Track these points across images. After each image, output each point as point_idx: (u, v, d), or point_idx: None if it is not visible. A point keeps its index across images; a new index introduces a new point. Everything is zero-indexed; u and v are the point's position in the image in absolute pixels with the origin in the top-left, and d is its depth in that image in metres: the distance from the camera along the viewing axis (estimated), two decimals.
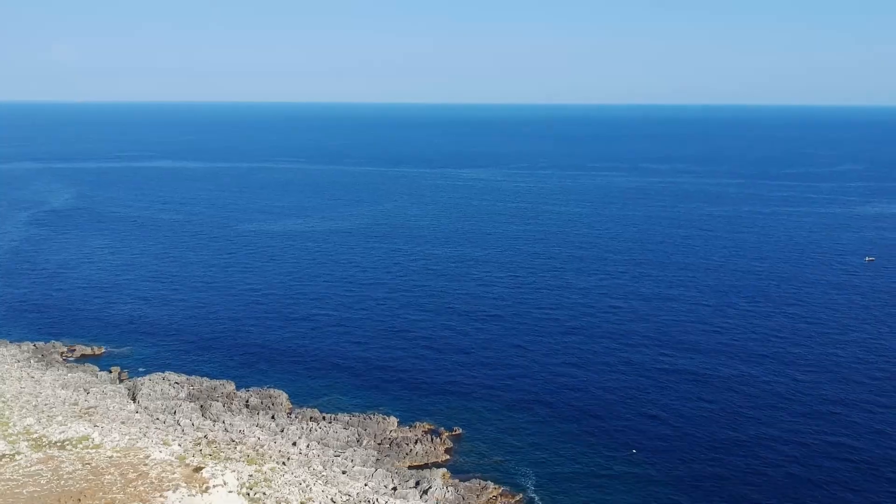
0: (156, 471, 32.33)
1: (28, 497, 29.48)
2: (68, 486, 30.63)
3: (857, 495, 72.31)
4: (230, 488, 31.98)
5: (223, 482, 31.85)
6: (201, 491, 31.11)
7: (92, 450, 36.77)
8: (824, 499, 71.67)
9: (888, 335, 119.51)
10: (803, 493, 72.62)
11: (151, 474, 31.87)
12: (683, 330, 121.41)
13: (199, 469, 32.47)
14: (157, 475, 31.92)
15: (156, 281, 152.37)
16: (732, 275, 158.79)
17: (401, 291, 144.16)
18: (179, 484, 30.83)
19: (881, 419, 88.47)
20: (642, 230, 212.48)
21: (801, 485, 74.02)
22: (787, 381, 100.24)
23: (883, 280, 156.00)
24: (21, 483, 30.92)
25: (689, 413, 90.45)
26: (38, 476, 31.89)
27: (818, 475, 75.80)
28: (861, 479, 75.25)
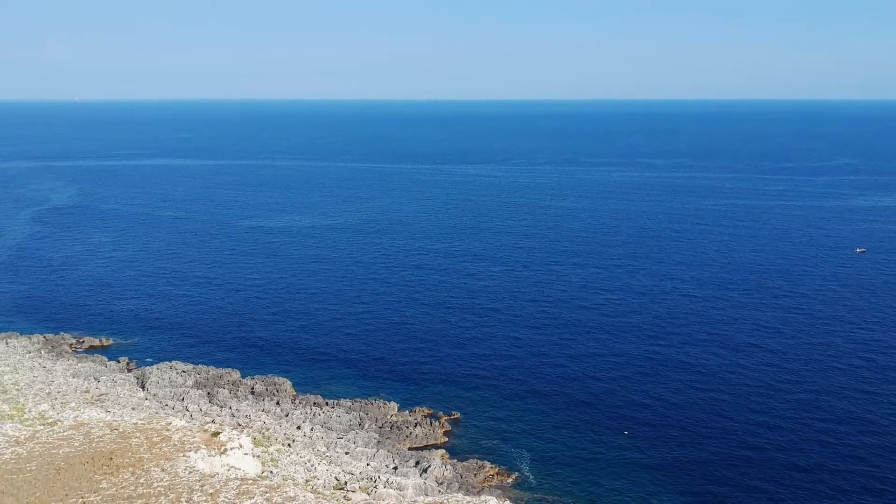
0: (177, 435, 35.37)
1: (64, 456, 32.58)
2: (99, 447, 33.70)
3: (840, 479, 75.44)
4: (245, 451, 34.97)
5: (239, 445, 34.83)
6: (219, 452, 34.10)
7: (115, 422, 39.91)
8: (808, 483, 74.70)
9: (875, 325, 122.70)
10: (788, 477, 75.66)
11: (174, 438, 34.94)
12: (676, 321, 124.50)
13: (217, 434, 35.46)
14: (178, 438, 34.96)
15: (159, 276, 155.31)
16: (725, 267, 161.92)
17: (399, 285, 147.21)
18: (200, 446, 33.87)
19: (866, 407, 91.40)
20: (637, 224, 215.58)
21: (786, 469, 77.05)
22: (775, 370, 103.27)
23: (872, 270, 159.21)
24: (57, 445, 34.03)
25: (679, 401, 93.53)
26: (72, 439, 34.96)
27: (803, 460, 78.82)
28: (845, 464, 78.29)
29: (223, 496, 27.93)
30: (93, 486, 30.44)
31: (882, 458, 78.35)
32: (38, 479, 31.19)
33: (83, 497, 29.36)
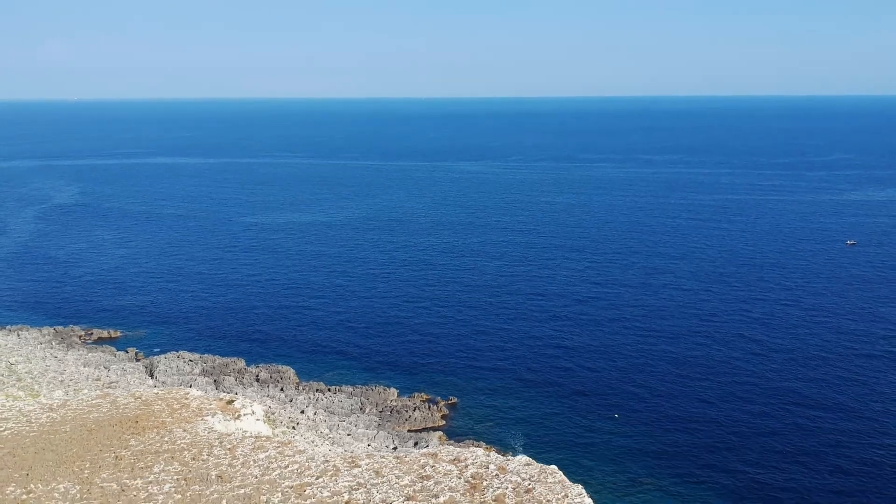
0: (195, 403, 38.70)
1: (94, 420, 35.96)
2: (125, 412, 37.05)
3: (818, 461, 78.95)
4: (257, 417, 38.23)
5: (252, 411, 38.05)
6: (234, 418, 37.39)
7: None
8: (787, 465, 78.08)
9: (862, 315, 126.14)
10: (769, 459, 79.11)
11: (192, 405, 38.30)
12: (667, 313, 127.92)
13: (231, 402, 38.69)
14: (196, 406, 38.28)
15: (164, 271, 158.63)
16: (716, 261, 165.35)
17: (398, 280, 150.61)
18: (216, 412, 37.22)
19: (849, 395, 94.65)
20: (632, 219, 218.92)
21: (767, 452, 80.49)
22: (761, 359, 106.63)
23: (861, 262, 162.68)
24: (87, 411, 37.38)
25: (668, 389, 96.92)
26: (100, 406, 38.30)
27: (785, 446, 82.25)
28: (823, 448, 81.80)
29: (240, 450, 31.30)
30: (123, 444, 33.84)
31: (859, 442, 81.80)
32: (73, 439, 34.58)
33: (115, 452, 32.75)
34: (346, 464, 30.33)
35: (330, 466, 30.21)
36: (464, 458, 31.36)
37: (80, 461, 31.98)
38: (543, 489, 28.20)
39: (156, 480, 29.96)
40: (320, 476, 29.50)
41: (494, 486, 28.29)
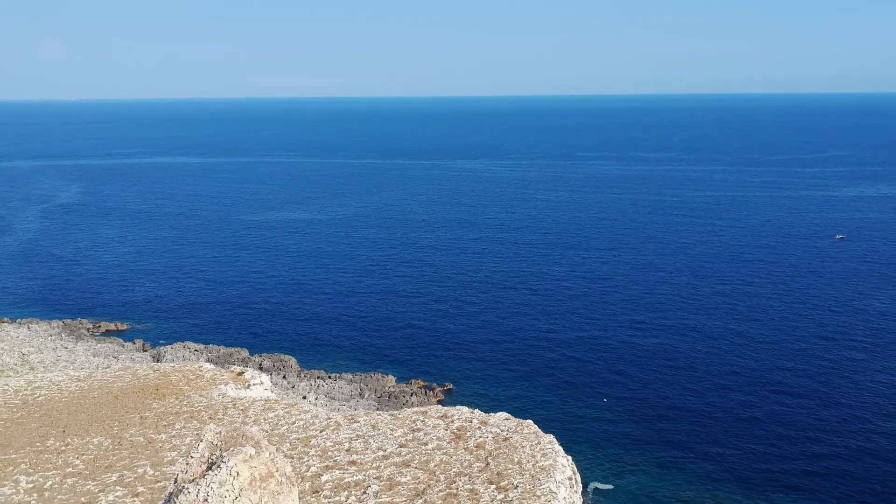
0: (209, 374, 42.54)
1: (119, 388, 39.82)
2: (146, 382, 40.91)
3: (791, 445, 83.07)
4: (266, 387, 42.04)
5: (261, 382, 41.82)
6: (245, 387, 41.27)
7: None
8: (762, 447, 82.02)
9: (844, 307, 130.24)
10: (744, 442, 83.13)
11: (206, 376, 42.17)
12: (656, 306, 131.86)
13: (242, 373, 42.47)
14: (210, 376, 42.12)
15: (168, 267, 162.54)
16: (706, 255, 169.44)
17: (395, 276, 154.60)
18: (229, 381, 41.02)
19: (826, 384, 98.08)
20: (626, 215, 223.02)
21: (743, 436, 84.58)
22: (745, 350, 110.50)
23: (848, 256, 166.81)
24: (111, 381, 41.26)
25: (653, 377, 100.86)
26: (122, 377, 42.18)
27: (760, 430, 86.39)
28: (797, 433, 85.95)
29: (252, 410, 35.16)
30: (146, 407, 37.69)
31: (834, 428, 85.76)
32: (102, 402, 38.44)
33: (140, 414, 36.60)
34: (346, 420, 34.21)
35: (332, 422, 34.09)
36: (450, 415, 35.27)
37: (110, 420, 35.90)
38: (519, 437, 32.14)
39: (178, 434, 33.88)
40: (324, 430, 33.41)
41: (476, 436, 32.24)
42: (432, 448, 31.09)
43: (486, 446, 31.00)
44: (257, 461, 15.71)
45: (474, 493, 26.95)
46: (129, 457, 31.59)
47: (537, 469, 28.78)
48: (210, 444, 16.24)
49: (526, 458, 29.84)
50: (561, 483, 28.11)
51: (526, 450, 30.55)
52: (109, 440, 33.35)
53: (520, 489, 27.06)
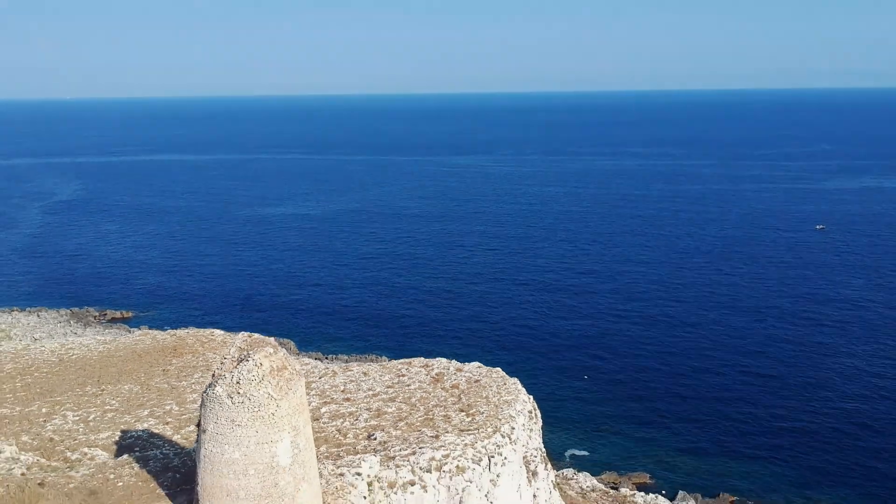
0: (220, 338, 47.90)
1: (141, 348, 45.21)
2: (165, 344, 46.30)
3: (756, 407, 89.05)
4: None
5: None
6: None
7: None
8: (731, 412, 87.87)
9: (818, 294, 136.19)
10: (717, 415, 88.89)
11: (218, 339, 47.53)
12: (638, 294, 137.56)
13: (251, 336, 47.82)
14: (221, 340, 47.49)
15: (168, 258, 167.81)
16: (688, 246, 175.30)
17: (389, 266, 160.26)
18: (239, 346, 46.72)
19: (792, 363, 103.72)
20: (615, 207, 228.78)
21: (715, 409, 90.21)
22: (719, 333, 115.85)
23: (826, 245, 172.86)
24: (133, 343, 46.65)
25: (633, 357, 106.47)
26: (143, 340, 47.54)
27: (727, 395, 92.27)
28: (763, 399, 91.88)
29: None
30: (167, 363, 43.18)
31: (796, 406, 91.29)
32: (128, 359, 43.92)
33: (162, 367, 42.09)
34: (341, 370, 39.73)
35: (329, 371, 39.62)
36: (431, 364, 40.87)
37: (136, 372, 41.46)
38: (488, 380, 37.76)
39: (197, 382, 39.45)
40: (322, 377, 39.00)
41: (452, 379, 37.86)
42: (414, 388, 36.74)
43: (460, 386, 36.68)
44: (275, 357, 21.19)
45: (447, 418, 32.59)
46: (157, 398, 37.14)
47: (501, 402, 34.46)
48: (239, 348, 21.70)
49: (493, 395, 35.52)
50: (520, 412, 33.77)
51: (493, 389, 36.22)
52: (138, 386, 38.90)
53: (485, 415, 32.73)
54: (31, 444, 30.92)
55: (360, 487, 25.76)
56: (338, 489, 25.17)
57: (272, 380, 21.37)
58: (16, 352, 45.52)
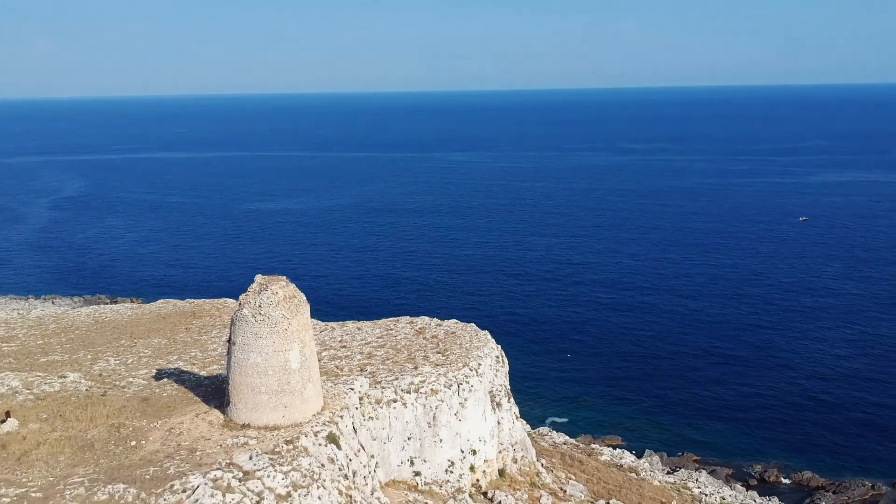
0: (232, 305, 54.51)
1: (164, 313, 51.82)
2: (184, 310, 52.87)
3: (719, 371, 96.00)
4: None
5: None
6: None
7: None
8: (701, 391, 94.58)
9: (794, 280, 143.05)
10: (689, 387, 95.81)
11: (231, 305, 54.09)
12: (623, 281, 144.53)
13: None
14: (233, 306, 54.24)
15: (174, 250, 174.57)
16: (674, 237, 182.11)
17: (387, 255, 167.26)
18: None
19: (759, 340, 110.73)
20: (605, 200, 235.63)
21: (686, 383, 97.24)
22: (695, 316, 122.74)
23: (807, 235, 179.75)
24: (157, 309, 53.22)
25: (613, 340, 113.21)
26: (165, 307, 54.06)
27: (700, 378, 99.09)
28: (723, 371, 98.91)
29: None
30: (188, 323, 49.85)
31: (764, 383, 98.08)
32: (153, 320, 50.59)
33: (185, 326, 48.84)
34: (338, 326, 46.47)
35: (328, 327, 46.36)
36: (416, 321, 47.54)
37: (163, 330, 48.21)
38: (463, 332, 44.57)
39: (216, 336, 46.18)
40: (323, 331, 45.81)
41: (432, 331, 44.66)
42: (400, 338, 43.59)
43: (439, 336, 43.54)
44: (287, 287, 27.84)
45: (426, 357, 39.40)
46: (183, 347, 43.90)
47: (472, 347, 41.33)
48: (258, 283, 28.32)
49: (465, 342, 42.38)
50: (488, 355, 40.62)
51: (466, 338, 43.09)
52: (166, 340, 45.70)
53: (457, 355, 39.57)
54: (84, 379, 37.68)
55: (353, 399, 32.37)
56: (335, 395, 31.79)
57: (285, 304, 28.02)
58: (56, 315, 52.27)
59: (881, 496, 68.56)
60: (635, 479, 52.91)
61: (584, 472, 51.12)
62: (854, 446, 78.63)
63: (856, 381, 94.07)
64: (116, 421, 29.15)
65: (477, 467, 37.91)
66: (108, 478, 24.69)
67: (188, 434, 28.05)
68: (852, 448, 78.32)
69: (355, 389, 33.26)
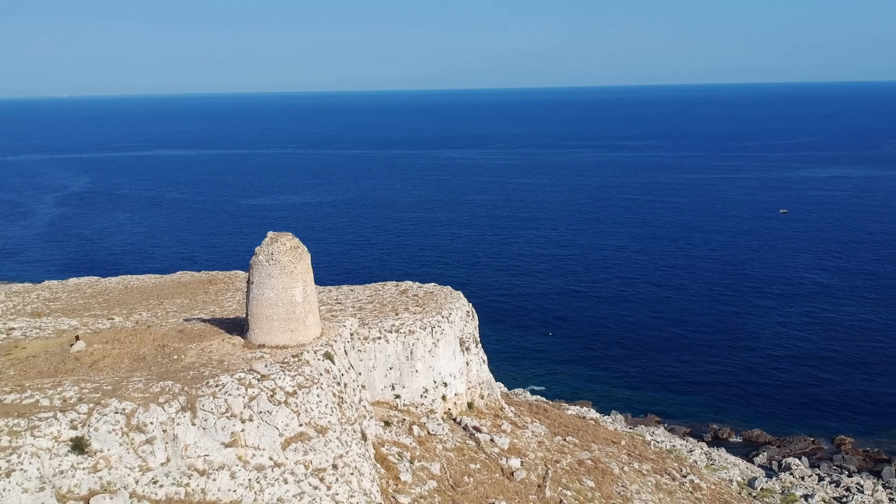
0: (243, 276, 62.57)
1: (184, 281, 59.67)
2: (201, 279, 60.85)
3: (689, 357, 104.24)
4: None
5: None
6: None
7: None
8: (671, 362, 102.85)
9: (767, 267, 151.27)
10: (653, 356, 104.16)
11: (241, 277, 62.16)
12: (604, 267, 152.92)
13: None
14: (244, 276, 62.20)
15: (179, 244, 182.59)
16: (658, 226, 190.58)
17: (382, 247, 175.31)
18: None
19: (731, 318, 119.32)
20: (593, 196, 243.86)
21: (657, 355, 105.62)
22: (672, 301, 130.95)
23: (786, 226, 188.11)
24: (177, 278, 61.05)
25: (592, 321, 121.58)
26: (183, 277, 61.81)
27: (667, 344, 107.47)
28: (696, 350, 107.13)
29: None
30: (206, 289, 57.73)
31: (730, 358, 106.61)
32: (175, 286, 58.49)
33: (203, 290, 56.86)
34: (334, 288, 54.47)
35: (325, 290, 54.40)
36: (401, 284, 55.54)
37: (184, 293, 56.19)
38: (440, 292, 52.69)
39: (231, 297, 54.22)
40: (320, 293, 53.81)
41: (414, 292, 52.82)
42: (386, 297, 51.77)
43: (419, 295, 51.71)
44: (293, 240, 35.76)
45: (406, 308, 47.56)
46: (203, 305, 51.95)
47: (446, 302, 49.49)
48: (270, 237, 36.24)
49: (441, 299, 50.57)
50: (459, 308, 48.78)
51: (442, 296, 51.28)
52: (188, 300, 53.78)
53: (432, 307, 47.73)
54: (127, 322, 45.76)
55: (345, 332, 40.35)
56: (331, 328, 39.80)
57: (291, 252, 35.95)
58: (91, 282, 60.31)
59: (819, 449, 76.81)
60: (593, 424, 60.95)
61: (548, 418, 59.17)
62: (801, 412, 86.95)
63: (809, 360, 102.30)
64: (161, 343, 37.13)
65: (448, 398, 45.94)
66: (159, 377, 32.64)
67: (217, 351, 36.02)
68: (799, 413, 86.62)
69: (347, 326, 41.27)
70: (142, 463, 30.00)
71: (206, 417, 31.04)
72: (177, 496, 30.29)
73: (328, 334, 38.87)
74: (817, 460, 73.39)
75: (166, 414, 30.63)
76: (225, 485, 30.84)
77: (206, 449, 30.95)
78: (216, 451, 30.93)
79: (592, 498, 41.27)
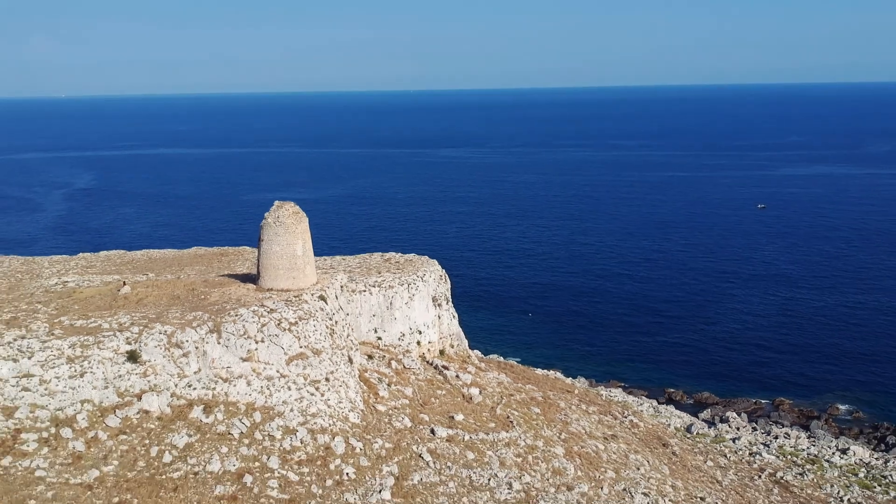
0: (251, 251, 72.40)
1: (199, 254, 69.54)
2: (213, 253, 70.63)
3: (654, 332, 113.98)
4: None
5: None
6: None
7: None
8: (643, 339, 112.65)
9: (739, 254, 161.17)
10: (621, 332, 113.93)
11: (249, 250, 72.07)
12: (586, 255, 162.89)
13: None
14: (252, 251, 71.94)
15: (184, 238, 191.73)
16: (637, 221, 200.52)
17: (378, 241, 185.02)
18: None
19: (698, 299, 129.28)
20: (579, 192, 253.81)
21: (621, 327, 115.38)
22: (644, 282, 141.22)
23: (761, 220, 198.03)
24: (193, 252, 71.19)
25: (570, 304, 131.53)
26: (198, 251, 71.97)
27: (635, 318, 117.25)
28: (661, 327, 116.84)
29: None
30: (219, 259, 67.47)
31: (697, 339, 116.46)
32: (193, 257, 67.97)
33: (217, 261, 66.49)
34: (328, 258, 64.21)
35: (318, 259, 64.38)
36: (387, 255, 65.43)
37: (200, 263, 65.80)
38: (419, 260, 62.49)
39: (241, 266, 63.96)
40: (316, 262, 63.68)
41: (396, 261, 62.60)
42: (372, 264, 61.55)
43: (401, 262, 61.47)
44: (294, 206, 45.44)
45: (388, 270, 57.31)
46: (219, 268, 61.56)
47: (422, 266, 59.24)
48: (276, 204, 45.89)
49: (418, 265, 60.32)
50: (433, 272, 58.50)
51: (419, 263, 61.05)
52: (205, 267, 63.42)
53: (410, 270, 57.48)
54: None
55: (336, 284, 49.99)
56: (325, 278, 49.47)
57: (293, 216, 45.62)
58: (119, 254, 69.96)
59: (760, 408, 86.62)
60: (552, 378, 70.49)
61: (513, 372, 68.81)
62: (748, 378, 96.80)
63: (763, 336, 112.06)
64: (191, 287, 46.68)
65: (423, 344, 55.51)
66: (191, 309, 42.19)
67: (235, 293, 45.58)
68: (747, 379, 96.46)
69: (338, 279, 50.94)
70: (179, 371, 39.69)
71: (229, 338, 40.68)
72: (206, 397, 39.98)
73: (323, 283, 48.57)
74: (756, 417, 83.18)
75: (198, 335, 40.27)
76: (243, 390, 40.52)
77: (228, 362, 40.61)
78: (236, 364, 40.59)
79: (537, 419, 50.82)
